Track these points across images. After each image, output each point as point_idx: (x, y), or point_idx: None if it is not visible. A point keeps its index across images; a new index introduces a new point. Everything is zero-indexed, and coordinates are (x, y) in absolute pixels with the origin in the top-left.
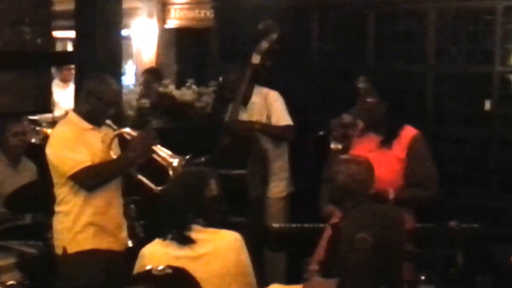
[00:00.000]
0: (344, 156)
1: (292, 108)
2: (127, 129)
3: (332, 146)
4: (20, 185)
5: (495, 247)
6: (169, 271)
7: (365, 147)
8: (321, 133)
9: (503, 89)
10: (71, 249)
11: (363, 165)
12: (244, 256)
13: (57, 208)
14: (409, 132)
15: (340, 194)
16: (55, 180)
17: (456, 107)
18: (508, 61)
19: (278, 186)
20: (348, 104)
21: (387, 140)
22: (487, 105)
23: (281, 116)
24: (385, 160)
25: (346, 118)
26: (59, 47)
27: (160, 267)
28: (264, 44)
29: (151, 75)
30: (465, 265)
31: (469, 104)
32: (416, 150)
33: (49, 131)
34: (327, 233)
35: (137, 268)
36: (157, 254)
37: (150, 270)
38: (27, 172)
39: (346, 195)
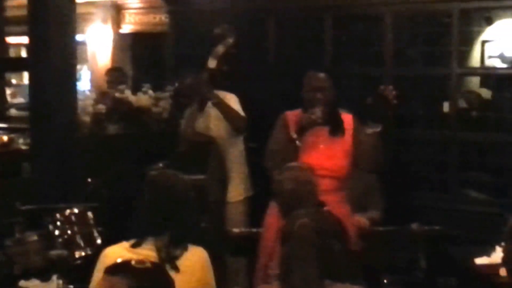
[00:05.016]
0: (288, 164)
1: (250, 111)
2: None
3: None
4: None
5: (456, 249)
6: (149, 265)
7: (315, 140)
8: None
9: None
10: None
11: (307, 171)
12: (209, 273)
13: None
14: (347, 117)
15: (290, 201)
16: None
17: (414, 109)
18: (465, 63)
19: (235, 190)
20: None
21: (336, 129)
22: (446, 107)
23: None
24: (338, 149)
25: (317, 113)
26: (12, 53)
27: (140, 260)
28: (220, 48)
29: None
30: (428, 268)
31: (428, 106)
32: (360, 134)
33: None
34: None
35: (98, 268)
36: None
37: (129, 261)
38: None
39: (295, 202)
